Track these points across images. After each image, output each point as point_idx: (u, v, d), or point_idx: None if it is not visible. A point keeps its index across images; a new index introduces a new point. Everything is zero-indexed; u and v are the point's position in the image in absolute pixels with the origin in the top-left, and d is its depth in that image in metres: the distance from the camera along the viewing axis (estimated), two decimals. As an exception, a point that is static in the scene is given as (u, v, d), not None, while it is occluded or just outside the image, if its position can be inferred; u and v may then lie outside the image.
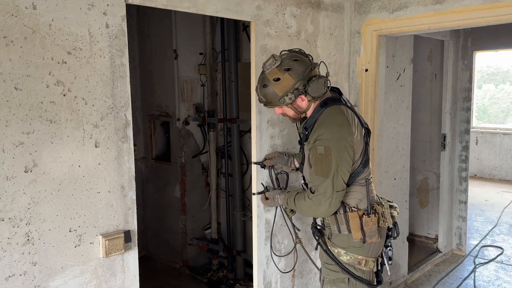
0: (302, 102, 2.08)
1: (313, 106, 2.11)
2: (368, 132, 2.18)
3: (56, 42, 1.66)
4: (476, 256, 4.67)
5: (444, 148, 4.58)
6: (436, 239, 4.80)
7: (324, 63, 2.21)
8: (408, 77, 3.85)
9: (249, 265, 4.00)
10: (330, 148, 1.97)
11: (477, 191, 7.48)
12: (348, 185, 2.09)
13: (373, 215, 2.09)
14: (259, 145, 2.50)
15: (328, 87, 2.09)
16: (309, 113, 2.13)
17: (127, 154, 1.92)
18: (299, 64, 2.03)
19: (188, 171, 4.31)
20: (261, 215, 2.55)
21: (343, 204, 2.11)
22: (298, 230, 2.65)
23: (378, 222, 2.11)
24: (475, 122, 9.57)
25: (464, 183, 4.70)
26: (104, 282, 1.88)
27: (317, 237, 2.27)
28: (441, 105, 4.60)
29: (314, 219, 2.39)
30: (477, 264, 4.46)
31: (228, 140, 4.09)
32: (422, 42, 4.57)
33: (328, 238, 2.23)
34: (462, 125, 4.66)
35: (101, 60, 1.79)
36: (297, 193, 2.23)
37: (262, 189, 2.53)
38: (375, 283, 2.21)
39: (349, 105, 2.18)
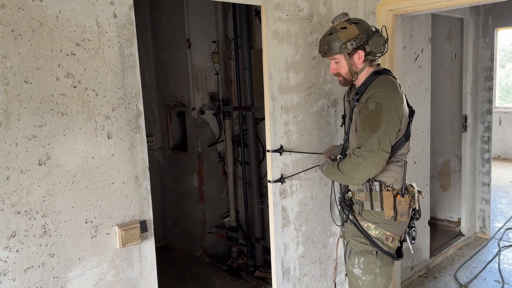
0: (359, 60, 2.17)
1: (366, 71, 2.20)
2: (411, 113, 2.25)
3: (64, 34, 1.65)
4: (500, 239, 4.57)
5: (465, 129, 4.46)
6: (458, 223, 4.71)
7: (386, 28, 2.32)
8: (426, 57, 3.74)
9: (268, 252, 4.00)
10: (382, 105, 2.05)
11: (501, 173, 7.30)
12: (389, 157, 2.12)
13: (407, 195, 2.16)
14: (273, 131, 2.47)
15: (386, 49, 2.19)
16: (361, 78, 2.21)
17: (140, 145, 1.92)
18: (365, 23, 2.20)
19: (205, 160, 4.31)
20: (277, 203, 2.53)
21: (379, 182, 2.16)
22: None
23: (410, 203, 2.18)
24: (498, 102, 9.32)
25: (487, 165, 4.59)
26: (121, 272, 1.90)
27: (346, 212, 2.30)
28: (462, 85, 4.47)
29: (343, 195, 2.39)
30: (501, 247, 4.36)
31: (244, 128, 4.06)
32: (441, 21, 4.43)
33: (359, 213, 2.27)
34: (484, 105, 4.53)
35: (110, 51, 1.78)
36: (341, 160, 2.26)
37: (278, 177, 2.51)
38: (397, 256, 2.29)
39: (398, 82, 2.25)
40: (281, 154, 2.49)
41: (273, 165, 2.50)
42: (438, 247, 4.26)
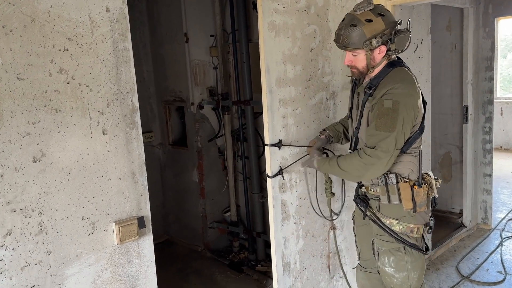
0: (379, 54, 2.07)
1: (381, 65, 2.11)
2: (424, 104, 2.19)
3: (56, 29, 1.63)
4: (502, 230, 4.55)
5: (466, 120, 4.43)
6: (460, 214, 4.69)
7: (409, 22, 2.14)
8: (426, 48, 3.70)
9: (269, 246, 3.99)
10: (399, 103, 1.97)
11: (503, 163, 7.28)
12: (403, 152, 2.10)
13: (424, 185, 2.11)
14: (271, 125, 2.45)
15: (409, 44, 2.10)
16: (376, 71, 2.12)
17: (136, 140, 1.90)
18: (390, 14, 2.05)
19: (205, 155, 4.30)
20: (276, 197, 2.51)
21: (395, 174, 2.11)
22: (336, 214, 2.63)
23: (428, 192, 2.13)
24: (499, 93, 9.26)
25: (489, 156, 4.56)
26: (120, 268, 1.89)
27: (363, 208, 2.27)
28: (462, 76, 4.43)
29: (357, 190, 2.37)
30: (504, 238, 4.34)
31: (243, 122, 4.04)
32: (440, 11, 4.38)
33: (377, 209, 2.22)
34: (485, 95, 4.49)
35: (103, 46, 1.76)
36: (339, 156, 2.20)
37: (277, 170, 2.49)
38: (425, 250, 2.24)
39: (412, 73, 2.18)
40: (279, 148, 2.47)
41: (272, 160, 2.48)
42: (440, 238, 4.24)
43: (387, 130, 1.98)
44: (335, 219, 2.72)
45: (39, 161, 1.62)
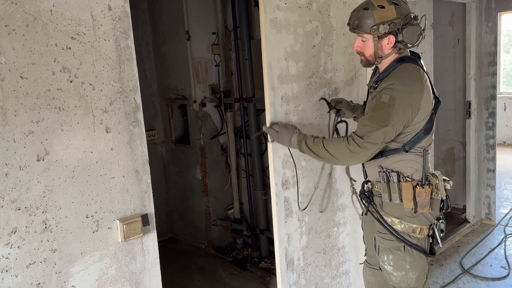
0: (387, 45, 2.04)
1: (390, 58, 2.08)
2: (437, 102, 2.12)
3: (58, 28, 1.63)
4: (506, 225, 4.55)
5: (469, 116, 4.42)
6: (464, 210, 4.69)
7: (426, 18, 2.12)
8: (428, 43, 3.70)
9: (272, 243, 4.00)
10: (395, 99, 1.94)
11: (506, 159, 7.26)
12: (406, 151, 2.07)
13: (427, 186, 2.07)
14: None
15: (420, 40, 2.05)
16: (384, 64, 2.10)
17: (139, 138, 1.90)
18: (406, 6, 2.02)
19: (208, 153, 4.30)
20: (279, 194, 2.52)
21: (397, 172, 2.09)
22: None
23: (431, 194, 2.09)
24: (503, 88, 9.23)
25: (492, 151, 4.55)
26: (124, 265, 1.90)
27: (366, 204, 2.26)
28: (465, 71, 4.42)
29: (363, 186, 2.37)
30: (507, 233, 4.34)
31: (246, 119, 4.04)
32: (443, 6, 4.37)
33: (380, 207, 2.22)
34: (488, 91, 4.48)
35: (106, 44, 1.76)
36: (323, 137, 2.13)
37: (280, 168, 2.49)
38: (429, 253, 2.20)
39: (425, 69, 2.12)
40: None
41: (275, 156, 2.48)
42: (443, 234, 4.24)
43: (379, 124, 1.95)
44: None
45: (43, 160, 1.63)
